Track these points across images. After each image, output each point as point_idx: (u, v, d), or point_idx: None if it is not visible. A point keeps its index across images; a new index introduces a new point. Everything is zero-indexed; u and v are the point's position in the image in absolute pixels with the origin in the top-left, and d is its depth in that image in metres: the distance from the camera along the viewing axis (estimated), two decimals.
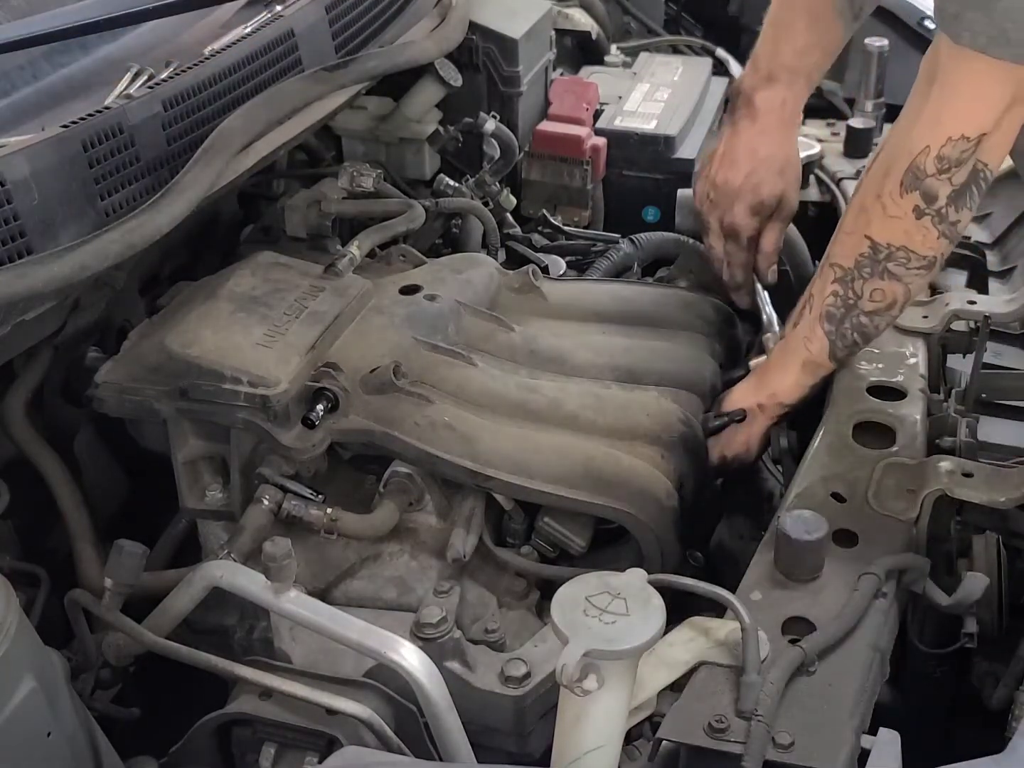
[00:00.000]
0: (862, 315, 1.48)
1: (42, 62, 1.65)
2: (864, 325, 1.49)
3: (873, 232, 1.43)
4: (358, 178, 1.76)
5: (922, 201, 1.37)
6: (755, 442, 1.61)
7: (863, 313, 1.48)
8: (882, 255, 1.42)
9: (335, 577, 1.46)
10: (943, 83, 1.34)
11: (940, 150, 1.34)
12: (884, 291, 1.45)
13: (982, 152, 1.34)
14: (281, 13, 1.73)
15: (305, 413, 1.42)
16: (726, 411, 1.60)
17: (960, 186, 1.36)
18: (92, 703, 1.36)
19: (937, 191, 1.37)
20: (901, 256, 1.41)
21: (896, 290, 1.45)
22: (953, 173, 1.35)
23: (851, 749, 1.08)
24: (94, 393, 1.44)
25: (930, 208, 1.37)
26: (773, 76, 1.79)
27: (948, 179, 1.36)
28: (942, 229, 1.39)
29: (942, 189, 1.36)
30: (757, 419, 1.59)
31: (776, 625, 1.21)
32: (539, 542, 1.48)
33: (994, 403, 1.63)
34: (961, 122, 1.33)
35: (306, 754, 1.27)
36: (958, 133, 1.33)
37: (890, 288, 1.45)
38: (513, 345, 1.65)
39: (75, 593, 1.37)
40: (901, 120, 1.44)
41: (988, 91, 1.31)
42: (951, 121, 1.34)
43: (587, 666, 1.04)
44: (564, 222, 2.19)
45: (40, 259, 1.25)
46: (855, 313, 1.48)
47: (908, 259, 1.42)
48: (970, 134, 1.33)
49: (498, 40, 2.16)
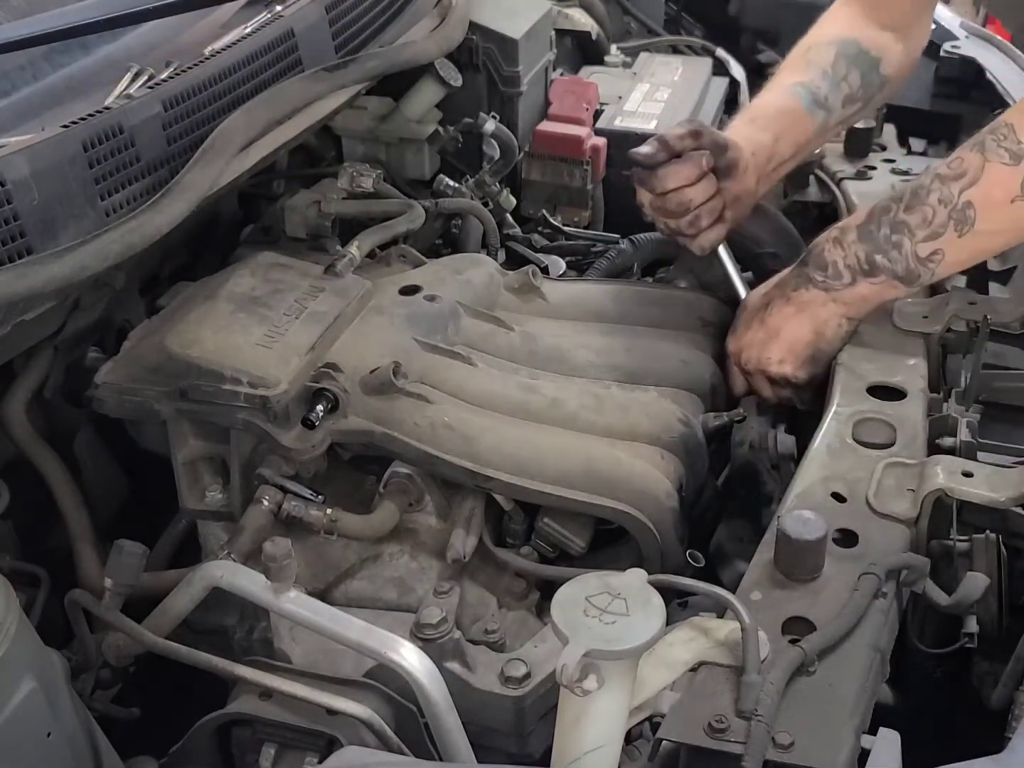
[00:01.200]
0: (931, 192, 1.47)
1: (42, 62, 1.65)
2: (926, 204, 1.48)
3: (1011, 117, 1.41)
4: (358, 178, 1.76)
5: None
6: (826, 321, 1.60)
7: (932, 187, 1.47)
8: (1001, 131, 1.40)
9: (335, 577, 1.46)
10: None
11: None
12: (963, 159, 1.44)
13: None
14: (281, 13, 1.73)
15: (305, 414, 1.42)
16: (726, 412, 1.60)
17: None
18: (92, 703, 1.36)
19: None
20: (1003, 131, 1.40)
21: (973, 161, 1.43)
22: None
23: (851, 749, 1.08)
24: (94, 393, 1.44)
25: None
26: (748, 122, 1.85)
27: None
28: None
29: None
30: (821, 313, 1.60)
31: (776, 625, 1.21)
32: (539, 542, 1.48)
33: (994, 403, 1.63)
34: None
35: (306, 754, 1.27)
36: None
37: (970, 157, 1.44)
38: (513, 345, 1.65)
39: (75, 593, 1.37)
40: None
41: None
42: None
43: (587, 666, 1.04)
44: (564, 222, 2.19)
45: (40, 259, 1.24)
46: (924, 192, 1.48)
47: (1008, 135, 1.39)
48: None
49: (498, 40, 2.16)
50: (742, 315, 1.72)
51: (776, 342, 1.63)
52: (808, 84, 1.85)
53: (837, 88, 1.85)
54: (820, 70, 1.85)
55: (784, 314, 1.63)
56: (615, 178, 2.28)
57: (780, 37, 2.69)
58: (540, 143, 2.24)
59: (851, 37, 1.86)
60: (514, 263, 2.01)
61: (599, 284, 1.90)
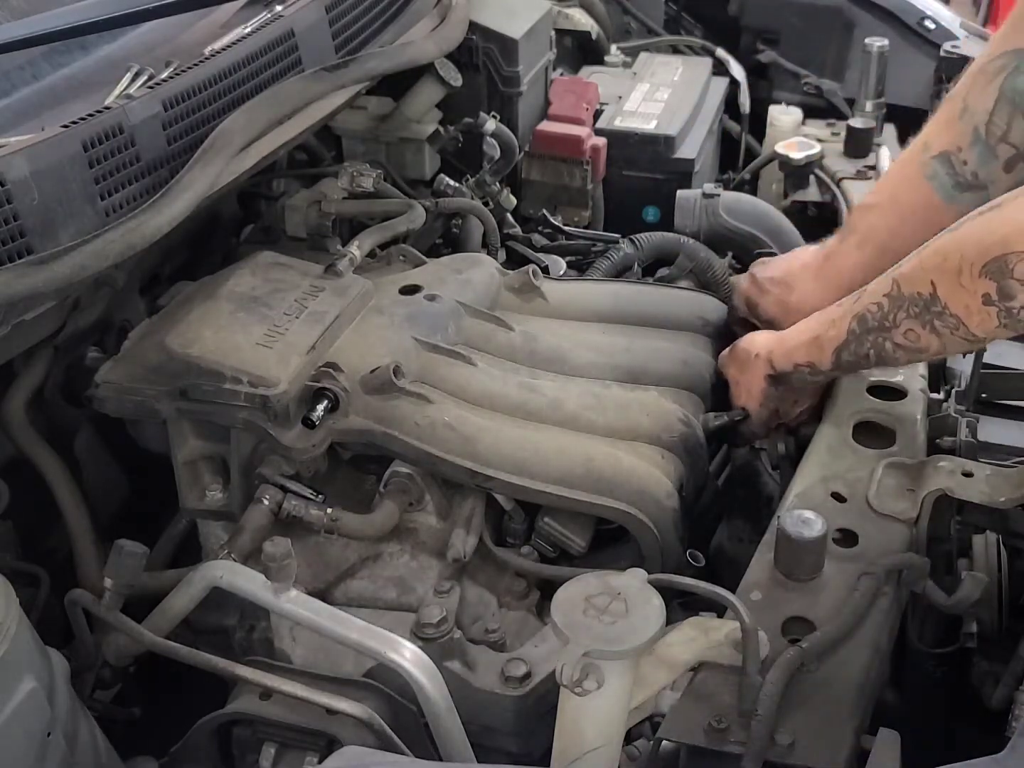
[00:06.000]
0: (889, 341, 1.39)
1: (42, 62, 1.65)
2: (885, 350, 1.40)
3: (940, 286, 1.30)
4: (358, 178, 1.76)
5: (995, 294, 1.24)
6: (750, 384, 1.59)
7: (891, 341, 1.39)
8: (936, 309, 1.31)
9: (335, 577, 1.46)
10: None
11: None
12: (920, 336, 1.35)
13: None
14: (281, 13, 1.73)
15: (305, 413, 1.42)
16: (726, 412, 1.60)
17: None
18: (92, 703, 1.36)
19: (1015, 294, 1.22)
20: (952, 322, 1.30)
21: (931, 343, 1.34)
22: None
23: (851, 749, 1.08)
24: (94, 393, 1.44)
25: (1001, 303, 1.24)
26: (852, 230, 1.68)
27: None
28: (1006, 322, 1.26)
29: (1021, 295, 1.21)
30: (755, 365, 1.58)
31: (776, 625, 1.21)
32: (539, 542, 1.48)
33: (994, 403, 1.63)
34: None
35: (306, 754, 1.27)
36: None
37: (927, 338, 1.34)
38: (513, 345, 1.65)
39: (75, 593, 1.37)
40: (1021, 196, 1.24)
41: None
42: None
43: (587, 666, 1.04)
44: (564, 222, 2.19)
45: (40, 259, 1.25)
46: (884, 335, 1.39)
47: (957, 327, 1.30)
48: None
49: (498, 40, 2.16)
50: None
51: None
52: (949, 157, 1.57)
53: (992, 155, 1.53)
54: (971, 128, 1.54)
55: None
56: (615, 178, 2.28)
57: (780, 37, 2.70)
58: (540, 143, 2.24)
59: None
60: (514, 263, 2.01)
61: (599, 284, 1.90)
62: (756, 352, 1.58)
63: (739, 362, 1.62)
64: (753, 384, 1.59)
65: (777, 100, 2.61)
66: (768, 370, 1.56)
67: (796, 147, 2.26)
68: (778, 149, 2.27)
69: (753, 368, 1.58)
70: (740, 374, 1.62)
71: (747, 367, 1.60)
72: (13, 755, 1.11)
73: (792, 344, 1.53)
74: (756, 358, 1.58)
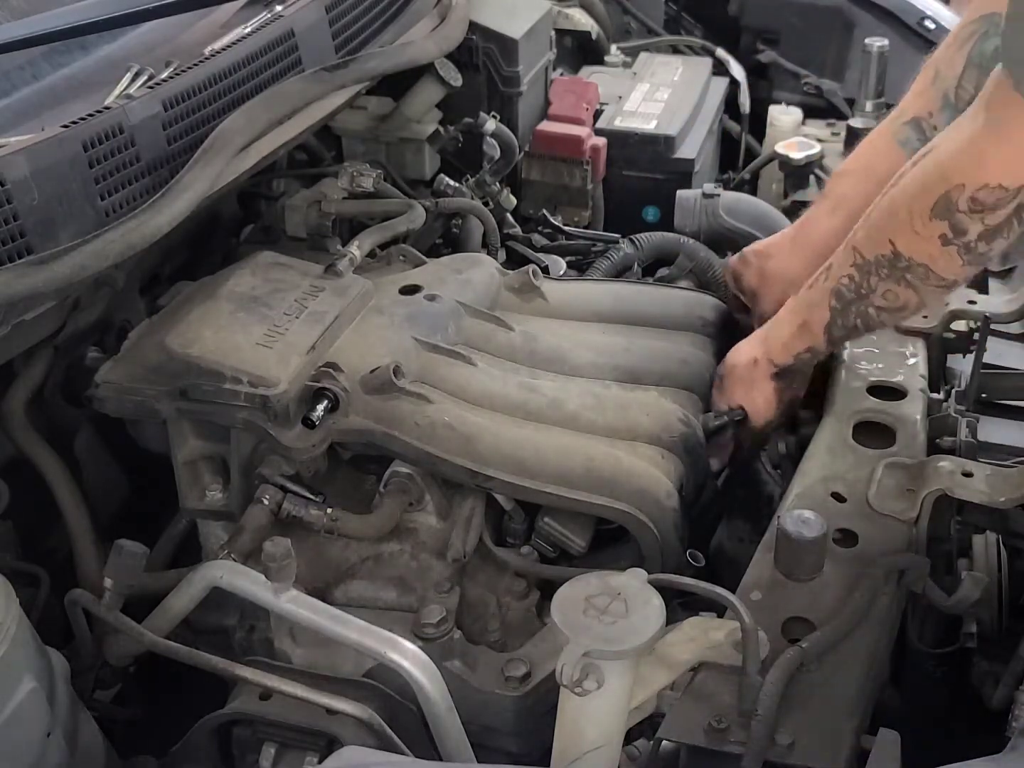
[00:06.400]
0: (871, 307, 1.44)
1: (42, 62, 1.65)
2: (870, 316, 1.45)
3: (898, 241, 1.36)
4: (358, 178, 1.76)
5: (950, 231, 1.30)
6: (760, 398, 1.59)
7: (872, 306, 1.43)
8: (902, 264, 1.36)
9: (335, 577, 1.46)
10: (994, 124, 1.23)
11: (976, 192, 1.25)
12: (898, 294, 1.40)
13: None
14: (281, 13, 1.73)
15: (305, 413, 1.42)
16: (725, 411, 1.60)
17: (995, 225, 1.27)
18: (92, 703, 1.36)
19: (967, 227, 1.28)
20: (921, 271, 1.35)
21: (910, 297, 1.40)
22: (987, 215, 1.26)
23: (851, 749, 1.08)
24: (94, 393, 1.44)
25: (958, 239, 1.30)
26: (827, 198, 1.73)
27: (980, 219, 1.27)
28: (968, 259, 1.32)
29: (973, 226, 1.27)
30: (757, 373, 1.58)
31: (776, 625, 1.21)
32: (539, 542, 1.48)
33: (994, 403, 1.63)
34: (1003, 172, 1.23)
35: (306, 754, 1.27)
36: (996, 182, 1.23)
37: (904, 294, 1.39)
38: (513, 345, 1.65)
39: (75, 593, 1.37)
40: (951, 132, 1.31)
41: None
42: (993, 168, 1.24)
43: (587, 666, 1.04)
44: (564, 222, 2.20)
45: (40, 259, 1.25)
46: (864, 303, 1.43)
47: (927, 276, 1.35)
48: (1009, 185, 1.23)
49: (498, 40, 2.16)
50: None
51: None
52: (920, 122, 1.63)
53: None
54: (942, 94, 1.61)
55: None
56: (615, 178, 2.28)
57: (780, 37, 2.70)
58: (540, 143, 2.25)
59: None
60: (514, 263, 2.01)
61: (599, 284, 1.90)
62: (752, 359, 1.58)
63: (740, 380, 1.60)
64: (764, 391, 1.58)
65: (777, 100, 2.62)
66: (771, 369, 1.56)
67: (796, 147, 2.26)
68: (778, 149, 2.27)
69: (757, 376, 1.58)
70: (748, 391, 1.60)
71: (750, 379, 1.58)
72: (13, 755, 1.12)
73: (784, 337, 1.55)
74: (755, 364, 1.57)
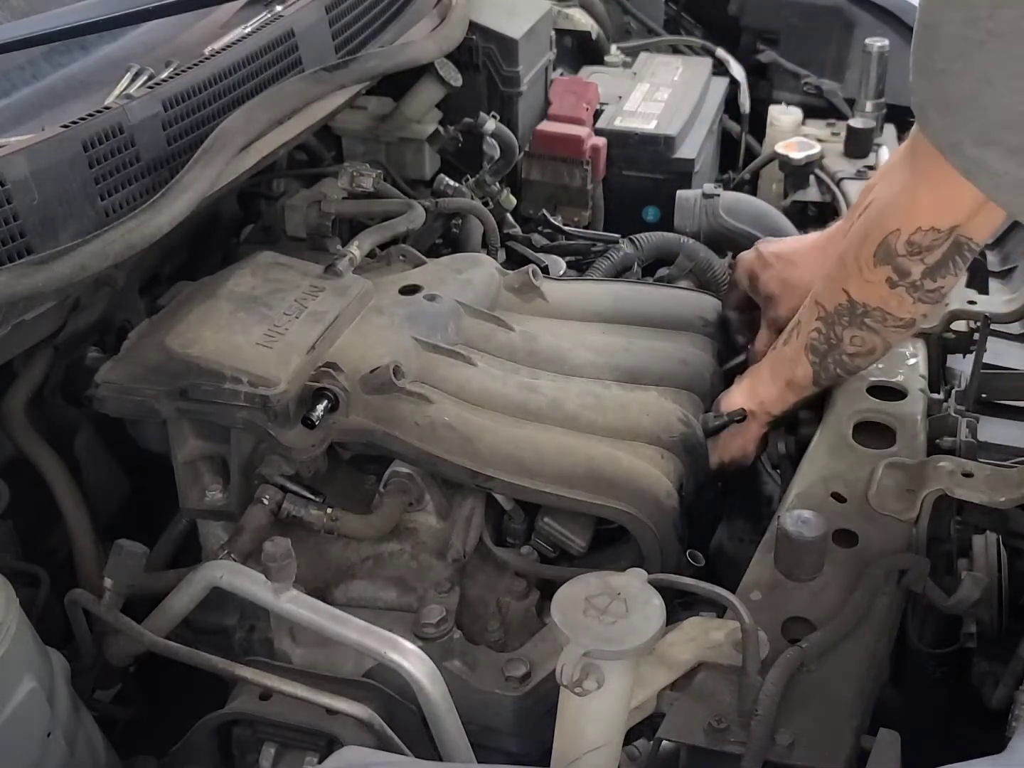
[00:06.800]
0: (844, 355, 1.48)
1: (42, 62, 1.65)
2: (846, 363, 1.49)
3: (851, 289, 1.41)
4: (358, 178, 1.76)
5: (894, 275, 1.35)
6: (751, 446, 1.61)
7: (845, 354, 1.48)
8: (859, 311, 1.42)
9: (335, 577, 1.46)
10: (918, 170, 1.28)
11: (911, 236, 1.31)
12: (863, 339, 1.45)
13: (963, 230, 1.30)
14: (281, 13, 1.73)
15: (305, 413, 1.42)
16: (726, 411, 1.60)
17: (936, 263, 1.33)
18: (92, 703, 1.36)
19: (909, 269, 1.34)
20: (877, 315, 1.41)
21: (874, 340, 1.45)
22: (925, 255, 1.32)
23: (851, 749, 1.08)
24: (94, 393, 1.44)
25: (903, 281, 1.35)
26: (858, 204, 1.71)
27: (920, 259, 1.33)
28: (918, 296, 1.37)
29: (915, 267, 1.34)
30: (751, 423, 1.59)
31: (776, 625, 1.21)
32: (539, 542, 1.48)
33: (994, 403, 1.63)
34: (932, 215, 1.29)
35: (306, 754, 1.27)
36: (928, 224, 1.29)
37: (869, 338, 1.44)
38: (513, 345, 1.65)
39: (75, 593, 1.37)
40: (885, 180, 1.39)
41: (961, 190, 1.17)
42: (923, 212, 1.30)
43: (587, 666, 1.04)
44: (564, 222, 2.20)
45: (40, 259, 1.25)
46: (837, 352, 1.48)
47: (885, 319, 1.41)
48: (941, 226, 1.29)
49: (498, 40, 2.16)
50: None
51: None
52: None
53: None
54: None
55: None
56: (615, 178, 2.28)
57: (780, 37, 2.70)
58: (540, 143, 2.25)
59: None
60: (514, 263, 2.01)
61: (599, 284, 1.90)
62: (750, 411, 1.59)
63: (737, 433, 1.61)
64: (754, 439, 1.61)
65: (777, 100, 2.62)
66: (767, 419, 1.60)
67: (796, 147, 2.26)
68: (778, 149, 2.27)
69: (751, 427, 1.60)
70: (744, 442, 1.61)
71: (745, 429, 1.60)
72: (13, 755, 1.12)
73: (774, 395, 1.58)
74: (752, 415, 1.59)
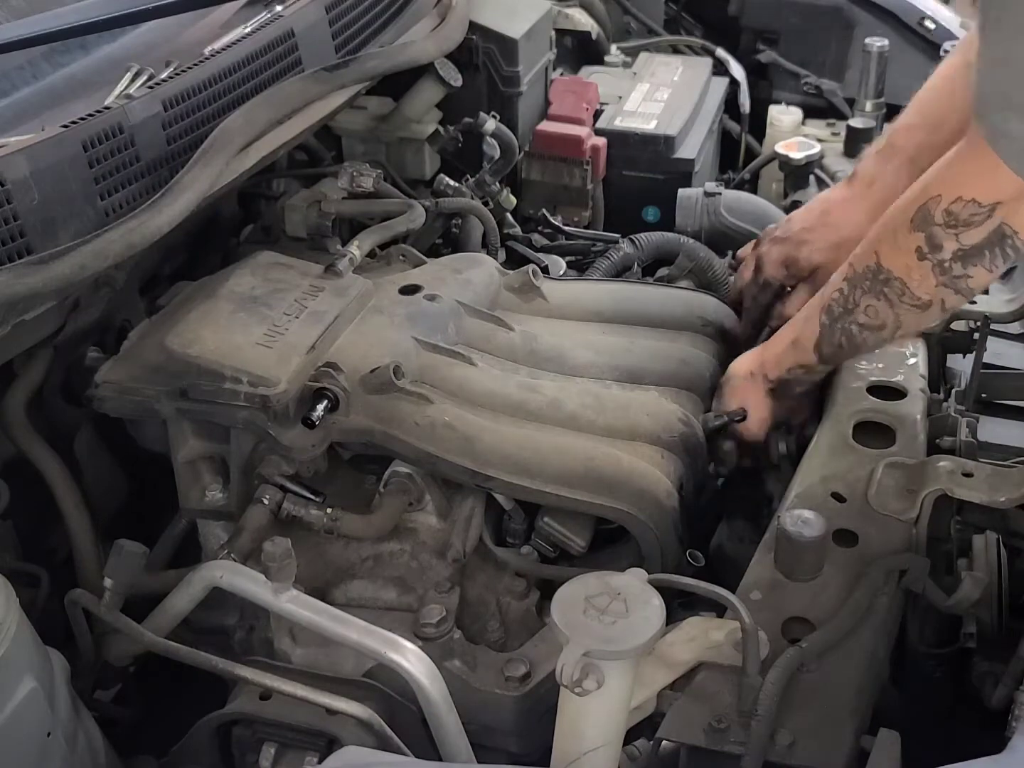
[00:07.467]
0: (854, 324, 1.45)
1: (42, 62, 1.65)
2: (853, 334, 1.46)
3: (881, 252, 1.39)
4: (358, 178, 1.76)
5: (925, 245, 1.31)
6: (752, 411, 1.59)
7: (855, 323, 1.45)
8: (882, 276, 1.39)
9: (335, 577, 1.46)
10: (970, 142, 1.26)
11: (950, 204, 1.27)
12: (878, 310, 1.41)
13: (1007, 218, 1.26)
14: (281, 13, 1.73)
15: (305, 413, 1.42)
16: (726, 411, 1.60)
17: (972, 247, 1.28)
18: (92, 703, 1.36)
19: (942, 242, 1.30)
20: (897, 286, 1.38)
21: (887, 314, 1.41)
22: (961, 232, 1.28)
23: (851, 749, 1.08)
24: (94, 393, 1.44)
25: (932, 255, 1.32)
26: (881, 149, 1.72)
27: (955, 235, 1.28)
28: (943, 280, 1.33)
29: (948, 243, 1.29)
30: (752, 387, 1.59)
31: (776, 625, 1.21)
32: (539, 542, 1.48)
33: (994, 403, 1.63)
34: (974, 186, 1.26)
35: (306, 754, 1.27)
36: (969, 195, 1.26)
37: (882, 309, 1.41)
38: (513, 345, 1.65)
39: (75, 593, 1.37)
40: (948, 153, 1.33)
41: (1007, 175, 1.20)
42: (965, 181, 1.27)
43: (587, 666, 1.04)
44: (564, 222, 2.20)
45: (40, 259, 1.25)
46: (849, 319, 1.45)
47: (903, 292, 1.37)
48: (983, 200, 1.25)
49: (498, 40, 2.16)
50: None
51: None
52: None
53: None
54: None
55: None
56: (615, 178, 2.28)
57: (780, 37, 2.70)
58: (540, 143, 2.25)
59: None
60: (514, 263, 2.01)
61: (599, 284, 1.90)
62: (749, 371, 1.59)
63: (736, 391, 1.61)
64: (758, 405, 1.59)
65: (777, 100, 2.62)
66: (766, 384, 1.58)
67: (796, 147, 2.26)
68: (778, 149, 2.27)
69: (752, 389, 1.59)
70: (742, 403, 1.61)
71: (745, 391, 1.59)
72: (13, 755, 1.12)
73: (778, 351, 1.56)
74: (751, 376, 1.58)
